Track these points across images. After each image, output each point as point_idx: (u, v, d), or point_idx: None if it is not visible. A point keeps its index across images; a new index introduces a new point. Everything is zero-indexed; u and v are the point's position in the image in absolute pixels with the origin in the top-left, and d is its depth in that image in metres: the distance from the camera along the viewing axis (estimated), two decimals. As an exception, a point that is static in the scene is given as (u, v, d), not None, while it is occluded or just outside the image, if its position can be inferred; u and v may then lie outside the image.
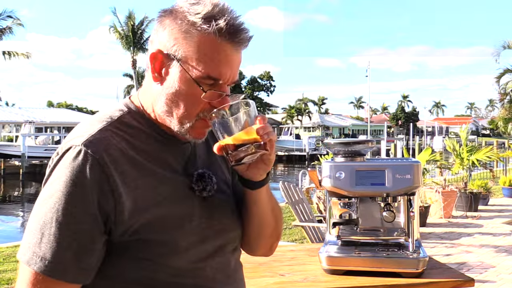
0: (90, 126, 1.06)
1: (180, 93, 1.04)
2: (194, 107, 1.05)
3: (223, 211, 1.17)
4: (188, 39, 1.03)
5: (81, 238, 0.99)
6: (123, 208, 1.00)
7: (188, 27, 1.03)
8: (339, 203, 2.10)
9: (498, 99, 25.94)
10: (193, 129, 1.07)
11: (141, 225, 1.02)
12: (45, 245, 0.97)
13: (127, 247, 1.03)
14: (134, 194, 1.02)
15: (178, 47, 1.04)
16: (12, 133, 37.20)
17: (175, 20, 1.04)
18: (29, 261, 0.98)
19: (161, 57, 1.06)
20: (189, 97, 1.04)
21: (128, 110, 1.12)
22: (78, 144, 1.00)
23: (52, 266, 0.97)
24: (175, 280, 1.05)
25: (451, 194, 8.44)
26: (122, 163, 1.02)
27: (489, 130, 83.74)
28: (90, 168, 0.98)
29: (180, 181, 1.11)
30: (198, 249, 1.09)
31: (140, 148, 1.07)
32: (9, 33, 28.97)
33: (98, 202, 0.99)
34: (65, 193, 0.98)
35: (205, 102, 1.04)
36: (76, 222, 0.98)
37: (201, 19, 1.02)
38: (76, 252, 0.98)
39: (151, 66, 1.07)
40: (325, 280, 2.01)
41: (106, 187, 0.99)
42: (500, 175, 14.29)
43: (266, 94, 60.30)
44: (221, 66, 1.03)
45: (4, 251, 6.38)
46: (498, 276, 5.21)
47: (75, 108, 75.38)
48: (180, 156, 1.13)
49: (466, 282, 1.97)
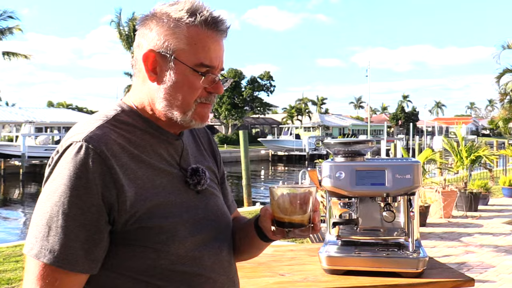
0: (88, 124, 1.11)
1: (178, 84, 1.12)
2: (192, 95, 1.13)
3: (214, 204, 1.26)
4: (177, 34, 1.11)
5: (88, 229, 1.03)
6: (125, 198, 1.05)
7: (175, 23, 1.11)
8: (339, 203, 2.10)
9: (498, 99, 25.91)
10: (198, 115, 1.16)
11: (142, 214, 1.07)
12: (53, 237, 1.01)
13: (130, 236, 1.07)
14: (135, 184, 1.08)
15: (169, 43, 1.11)
16: (12, 133, 37.18)
17: (160, 21, 1.12)
18: (37, 254, 1.01)
19: (153, 56, 1.13)
20: (187, 87, 1.12)
21: (122, 109, 1.18)
22: (79, 140, 1.05)
23: (61, 258, 1.01)
24: (176, 268, 1.10)
25: (451, 194, 8.44)
26: (121, 157, 1.08)
27: (489, 130, 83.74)
28: (92, 161, 1.03)
29: (175, 175, 1.18)
30: (196, 238, 1.15)
31: (136, 143, 1.13)
32: (9, 34, 28.91)
33: (102, 194, 1.03)
34: (70, 186, 1.01)
35: (201, 89, 1.14)
36: (82, 213, 1.02)
37: (186, 13, 1.11)
38: (84, 242, 1.02)
39: (145, 67, 1.13)
40: (325, 280, 2.01)
41: (108, 178, 1.04)
42: (500, 175, 14.30)
43: (266, 94, 60.11)
44: (211, 53, 1.12)
45: (4, 251, 6.38)
46: (498, 276, 5.21)
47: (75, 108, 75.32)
48: (174, 151, 1.21)
49: (466, 282, 1.97)
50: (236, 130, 48.41)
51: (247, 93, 56.97)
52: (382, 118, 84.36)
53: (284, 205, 1.15)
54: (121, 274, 1.08)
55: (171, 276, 1.09)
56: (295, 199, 1.15)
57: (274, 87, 59.77)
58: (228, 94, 55.36)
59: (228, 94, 55.36)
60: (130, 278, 1.08)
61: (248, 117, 63.04)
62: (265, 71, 59.83)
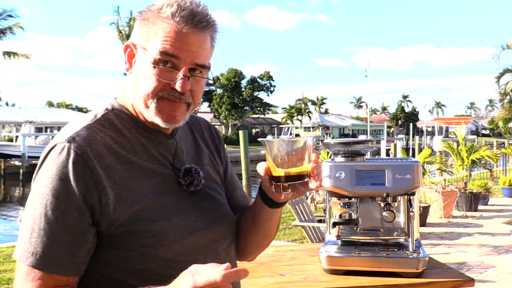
0: (75, 125, 1.10)
1: (142, 75, 1.10)
2: (149, 86, 1.09)
3: (211, 205, 1.21)
4: (146, 26, 1.11)
5: (71, 231, 1.01)
6: (107, 200, 1.04)
7: (147, 17, 1.11)
8: (339, 203, 2.10)
9: (498, 99, 25.90)
10: (160, 112, 1.10)
11: (127, 217, 1.05)
12: (35, 240, 1.00)
13: (115, 239, 1.05)
14: (119, 187, 1.06)
15: (140, 35, 1.12)
16: (12, 133, 37.18)
17: (141, 15, 1.13)
18: (21, 257, 1.01)
19: (129, 48, 1.14)
20: (144, 77, 1.09)
21: (112, 108, 1.16)
22: (62, 141, 1.05)
23: (44, 260, 0.99)
24: (165, 272, 1.06)
25: (451, 194, 8.44)
26: (106, 158, 1.06)
27: (489, 130, 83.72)
28: (73, 163, 1.02)
29: (167, 175, 1.15)
30: (187, 241, 1.11)
31: (124, 144, 1.11)
32: (9, 33, 28.87)
33: (83, 195, 1.02)
34: (51, 188, 1.01)
35: (164, 82, 1.08)
36: (64, 216, 1.01)
37: (158, 9, 1.10)
38: (67, 246, 1.01)
39: (125, 59, 1.15)
40: (325, 280, 2.01)
41: (89, 180, 1.02)
42: (500, 175, 14.30)
43: (266, 94, 60.11)
44: (176, 44, 1.07)
45: (4, 251, 6.38)
46: (498, 276, 5.21)
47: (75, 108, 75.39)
48: (167, 151, 1.18)
49: (466, 282, 1.97)
50: (236, 130, 48.36)
51: (247, 93, 56.94)
52: (382, 118, 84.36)
53: (280, 157, 1.10)
54: (110, 277, 1.06)
55: (161, 281, 1.00)
56: (291, 149, 1.10)
57: (274, 87, 59.79)
58: (228, 94, 55.38)
59: (228, 94, 55.38)
60: (119, 281, 1.06)
61: (248, 117, 63.04)
62: (265, 71, 59.82)
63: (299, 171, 1.10)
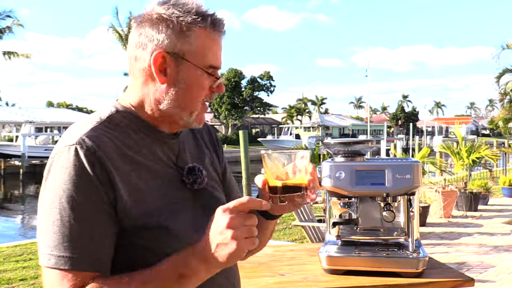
0: (81, 127, 1.10)
1: (189, 86, 1.13)
2: (201, 96, 1.15)
3: (214, 203, 1.21)
4: (188, 36, 1.11)
5: (97, 230, 1.03)
6: (121, 199, 1.05)
7: (187, 26, 1.11)
8: (339, 203, 2.10)
9: (498, 99, 25.90)
10: (198, 116, 1.17)
11: (135, 216, 1.06)
12: (68, 243, 1.00)
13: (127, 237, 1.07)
14: (128, 186, 1.07)
15: (180, 44, 1.11)
16: (12, 133, 37.17)
17: (170, 22, 1.11)
18: (56, 262, 1.00)
19: (163, 57, 1.12)
20: (197, 88, 1.14)
21: (116, 110, 1.17)
22: (73, 143, 1.05)
23: (76, 261, 1.00)
24: None
25: (451, 194, 8.44)
26: (115, 159, 1.07)
27: (489, 130, 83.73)
28: (88, 163, 1.02)
29: (171, 174, 1.17)
30: (193, 238, 1.11)
31: (130, 144, 1.12)
32: (8, 33, 28.88)
33: (104, 194, 1.03)
34: (72, 190, 1.01)
35: (207, 90, 1.15)
36: (90, 217, 1.02)
37: (196, 16, 1.11)
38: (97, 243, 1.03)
39: (154, 68, 1.12)
40: (325, 280, 2.02)
41: (105, 179, 1.04)
42: (500, 175, 14.30)
43: (266, 94, 60.11)
44: (217, 55, 1.16)
45: (4, 251, 6.38)
46: (498, 276, 5.21)
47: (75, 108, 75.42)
48: (170, 151, 1.20)
49: (466, 281, 1.97)
50: (236, 130, 48.37)
51: (247, 93, 56.95)
52: (382, 118, 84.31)
53: (278, 169, 1.13)
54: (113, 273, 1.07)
55: None
56: (288, 161, 1.13)
57: (274, 87, 59.81)
58: (228, 94, 55.37)
59: (228, 94, 55.37)
60: None
61: (248, 117, 63.06)
62: (265, 71, 59.84)
63: (296, 183, 1.13)
